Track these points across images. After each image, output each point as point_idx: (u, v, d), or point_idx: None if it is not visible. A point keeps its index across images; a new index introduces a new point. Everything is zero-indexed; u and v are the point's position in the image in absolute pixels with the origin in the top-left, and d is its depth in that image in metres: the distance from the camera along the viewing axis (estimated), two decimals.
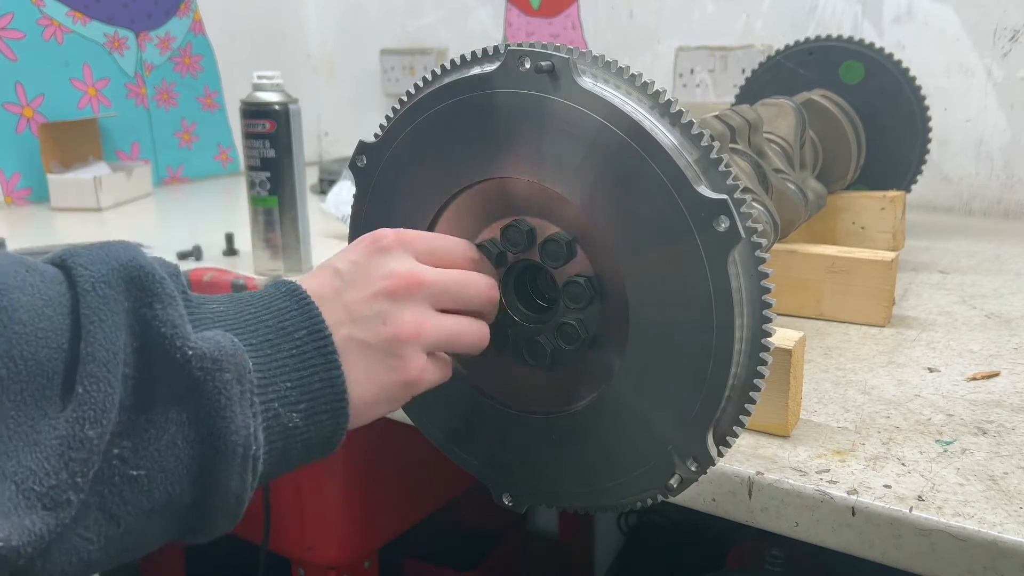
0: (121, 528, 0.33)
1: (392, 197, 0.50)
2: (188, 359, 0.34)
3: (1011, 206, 1.28)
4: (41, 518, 0.30)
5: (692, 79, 1.47)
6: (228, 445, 0.34)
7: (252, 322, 0.38)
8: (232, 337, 0.36)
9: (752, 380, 0.42)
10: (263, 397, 0.36)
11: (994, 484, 0.52)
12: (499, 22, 1.68)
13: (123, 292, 0.34)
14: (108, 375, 0.32)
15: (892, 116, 1.03)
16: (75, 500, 0.31)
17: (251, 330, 0.37)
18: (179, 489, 0.34)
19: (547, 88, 0.42)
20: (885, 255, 0.81)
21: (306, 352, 0.38)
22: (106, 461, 0.32)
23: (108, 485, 0.32)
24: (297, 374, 0.38)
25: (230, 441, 0.34)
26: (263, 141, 1.02)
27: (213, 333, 0.35)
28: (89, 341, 0.32)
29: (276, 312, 0.39)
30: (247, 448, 0.35)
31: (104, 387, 0.32)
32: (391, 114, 0.50)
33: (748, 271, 0.40)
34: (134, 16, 1.58)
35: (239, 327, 0.37)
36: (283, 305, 0.39)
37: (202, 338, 0.35)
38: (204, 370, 0.34)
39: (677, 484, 0.44)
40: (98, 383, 0.32)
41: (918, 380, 0.68)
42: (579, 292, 0.45)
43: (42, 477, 0.30)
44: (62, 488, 0.30)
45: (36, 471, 0.30)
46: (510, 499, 0.50)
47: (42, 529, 0.30)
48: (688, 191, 0.40)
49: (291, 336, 0.38)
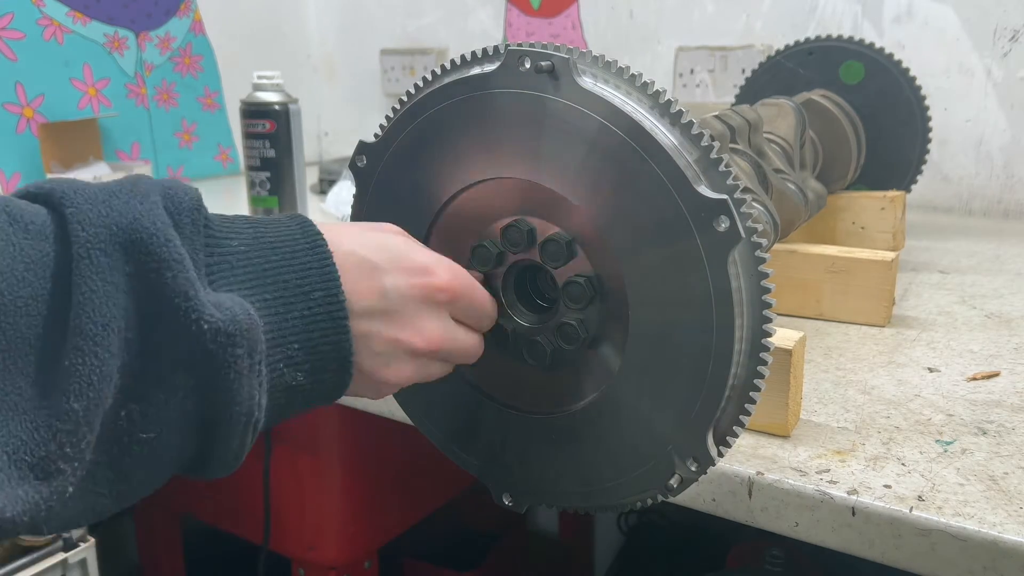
0: (132, 481, 0.34)
1: (392, 197, 0.50)
2: (203, 332, 0.33)
3: (1011, 206, 1.28)
4: (34, 488, 0.30)
5: (692, 79, 1.47)
6: (232, 414, 0.34)
7: (271, 274, 0.37)
8: (247, 308, 0.35)
9: (752, 380, 0.42)
10: (271, 359, 0.36)
11: (994, 484, 0.52)
12: (499, 22, 1.68)
13: (122, 259, 0.32)
14: (97, 348, 0.31)
15: (892, 116, 1.03)
16: (68, 469, 0.30)
17: (268, 285, 0.37)
18: (185, 446, 0.35)
19: (547, 88, 0.42)
20: (885, 255, 0.81)
21: (318, 316, 0.38)
22: (112, 423, 0.32)
23: (117, 445, 0.32)
24: (306, 335, 0.37)
25: (234, 411, 0.34)
26: (263, 141, 1.02)
27: (228, 300, 0.34)
28: (78, 312, 0.31)
29: (297, 268, 0.38)
30: (250, 416, 0.35)
31: (91, 360, 0.31)
32: (391, 114, 0.50)
33: (748, 271, 0.40)
34: (134, 16, 1.58)
35: (256, 280, 0.36)
36: (305, 260, 0.38)
37: (217, 306, 0.33)
38: (218, 343, 0.33)
39: (677, 484, 0.44)
40: (84, 356, 0.31)
41: (918, 380, 0.68)
42: (579, 292, 0.45)
43: (32, 448, 0.30)
44: (52, 459, 0.30)
45: (27, 441, 0.30)
46: (510, 499, 0.50)
47: (36, 499, 0.30)
48: (688, 191, 0.40)
49: (307, 296, 0.37)
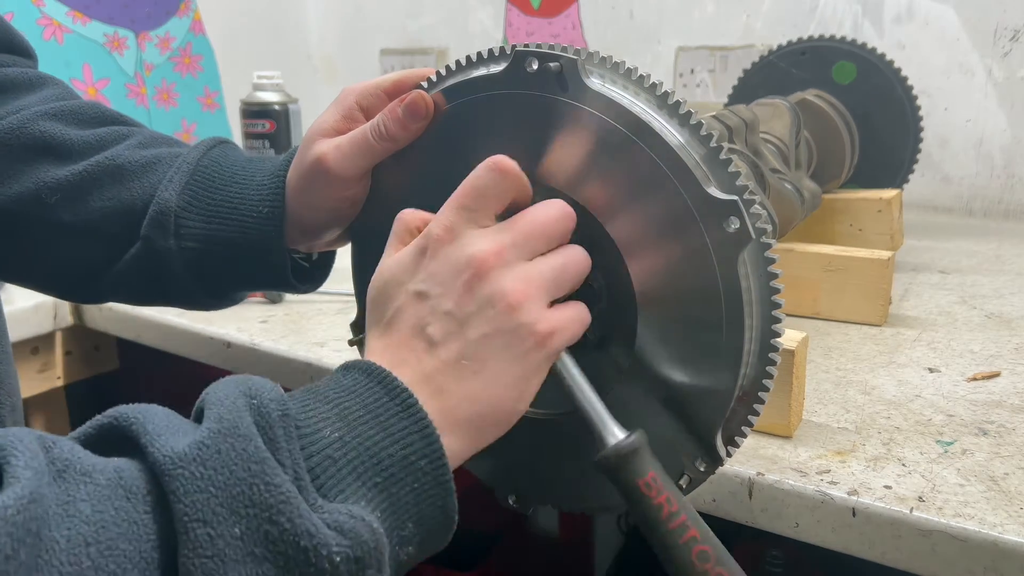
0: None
1: (394, 198, 0.50)
2: (336, 567, 0.32)
3: (1011, 206, 1.28)
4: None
5: (692, 79, 1.47)
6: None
7: (374, 454, 0.35)
8: (369, 520, 0.33)
9: (761, 380, 0.42)
10: (391, 552, 0.35)
11: (995, 485, 0.52)
12: (499, 22, 1.68)
13: (232, 520, 0.31)
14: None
15: (884, 115, 1.04)
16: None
17: (374, 467, 0.35)
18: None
19: (555, 89, 0.42)
20: (881, 254, 0.81)
21: (427, 486, 0.36)
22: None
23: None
24: (416, 509, 0.36)
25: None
26: (263, 141, 1.02)
27: (347, 517, 0.33)
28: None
29: (398, 438, 0.36)
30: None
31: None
32: None
33: (757, 271, 0.40)
34: (134, 16, 1.58)
35: (362, 467, 0.35)
36: (402, 427, 0.36)
37: (339, 530, 0.32)
38: (350, 571, 0.32)
39: (686, 484, 0.44)
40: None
41: (918, 380, 0.68)
42: (586, 293, 0.45)
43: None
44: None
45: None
46: (515, 500, 0.50)
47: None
48: (698, 192, 0.40)
49: (413, 467, 0.36)
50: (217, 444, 0.31)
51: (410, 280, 0.41)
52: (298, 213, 0.52)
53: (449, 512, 0.38)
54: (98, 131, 0.57)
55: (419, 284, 0.40)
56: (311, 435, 0.35)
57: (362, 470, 0.35)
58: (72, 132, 0.56)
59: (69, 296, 0.62)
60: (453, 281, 0.39)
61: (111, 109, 0.60)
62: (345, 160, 0.49)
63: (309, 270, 0.59)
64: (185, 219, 0.53)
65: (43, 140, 0.55)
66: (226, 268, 0.54)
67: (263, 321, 0.90)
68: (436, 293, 0.40)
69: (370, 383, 0.37)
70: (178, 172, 0.53)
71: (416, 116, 0.47)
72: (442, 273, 0.40)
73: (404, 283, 0.41)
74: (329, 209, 0.51)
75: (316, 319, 0.91)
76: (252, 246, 0.53)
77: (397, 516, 0.36)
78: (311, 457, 0.34)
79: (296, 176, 0.52)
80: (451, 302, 0.39)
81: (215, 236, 0.53)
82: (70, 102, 0.58)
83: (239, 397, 0.34)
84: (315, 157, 0.50)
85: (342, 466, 0.35)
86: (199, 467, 0.31)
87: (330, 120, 0.51)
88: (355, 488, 0.34)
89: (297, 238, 0.54)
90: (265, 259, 0.53)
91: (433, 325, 0.39)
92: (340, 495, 0.34)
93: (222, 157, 0.55)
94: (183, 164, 0.54)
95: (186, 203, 0.53)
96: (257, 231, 0.53)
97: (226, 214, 0.53)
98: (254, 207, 0.53)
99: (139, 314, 0.94)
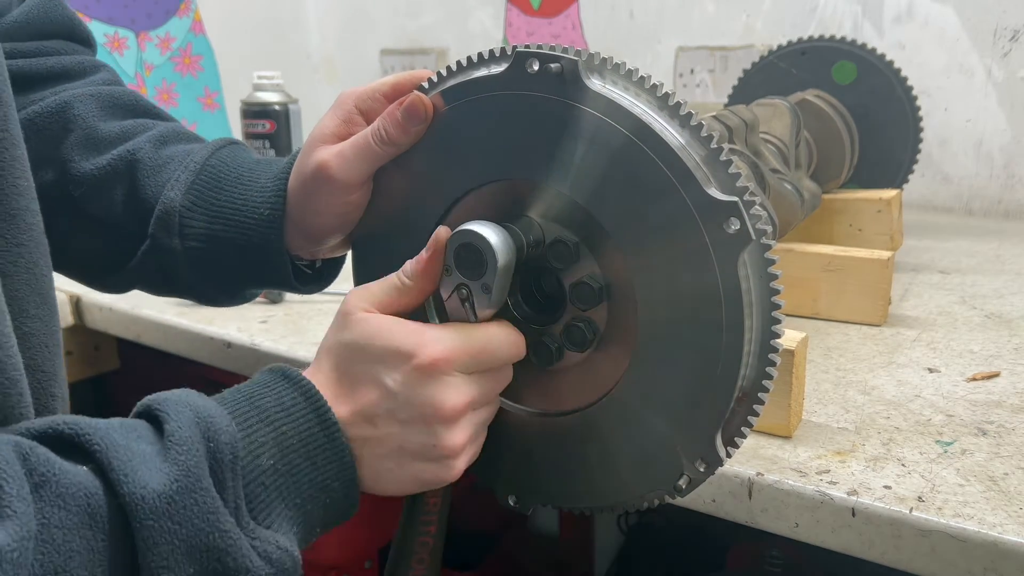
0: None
1: (397, 200, 0.50)
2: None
3: (1011, 206, 1.28)
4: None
5: (692, 79, 1.47)
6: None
7: (298, 480, 0.40)
8: (291, 550, 0.39)
9: (761, 381, 0.42)
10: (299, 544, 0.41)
11: (994, 485, 0.52)
12: (499, 22, 1.68)
13: (187, 563, 0.35)
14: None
15: (884, 116, 1.04)
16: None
17: (296, 490, 0.40)
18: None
19: (556, 90, 0.42)
20: (881, 254, 0.81)
21: (337, 500, 0.42)
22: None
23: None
24: (324, 518, 0.42)
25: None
26: (263, 141, 1.02)
27: (274, 548, 0.38)
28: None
29: (320, 465, 0.41)
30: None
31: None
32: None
33: (758, 272, 0.40)
34: (134, 16, 1.58)
35: (288, 491, 0.40)
36: (325, 457, 0.41)
37: (267, 559, 0.38)
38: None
39: (686, 485, 0.44)
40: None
41: (918, 380, 0.68)
42: (587, 293, 0.45)
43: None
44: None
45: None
46: (515, 500, 0.50)
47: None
48: (698, 193, 0.40)
49: (328, 488, 0.41)
50: (183, 500, 0.35)
51: (392, 386, 0.43)
52: (301, 219, 0.52)
53: (352, 508, 0.43)
54: (124, 123, 0.58)
55: (393, 400, 0.43)
56: (251, 462, 0.39)
57: (287, 494, 0.40)
58: (102, 123, 0.57)
59: (95, 284, 0.63)
60: (420, 416, 0.43)
61: (147, 100, 0.61)
62: (348, 166, 0.49)
63: (312, 275, 0.59)
64: (189, 219, 0.53)
65: (76, 126, 0.56)
66: (230, 267, 0.55)
67: (263, 321, 0.90)
68: (401, 418, 0.43)
69: (307, 411, 0.41)
70: (185, 171, 0.54)
71: (415, 119, 0.47)
72: (416, 406, 0.42)
73: (383, 378, 0.43)
74: (333, 214, 0.51)
75: (316, 319, 0.91)
76: (254, 247, 0.53)
77: (309, 527, 0.41)
78: (248, 484, 0.38)
79: (298, 183, 0.52)
80: (405, 428, 0.43)
81: (218, 236, 0.53)
82: (111, 87, 0.60)
83: (199, 442, 0.37)
84: (317, 164, 0.50)
85: (271, 491, 0.39)
86: (167, 521, 0.35)
87: (330, 126, 0.52)
88: (280, 510, 0.39)
89: (301, 244, 0.54)
90: (267, 260, 0.54)
91: (382, 418, 0.43)
92: (267, 518, 0.39)
93: (229, 158, 0.56)
94: (190, 164, 0.54)
95: (191, 203, 0.53)
96: (258, 233, 0.53)
97: (229, 215, 0.53)
98: (255, 209, 0.53)
99: (139, 314, 0.94)
